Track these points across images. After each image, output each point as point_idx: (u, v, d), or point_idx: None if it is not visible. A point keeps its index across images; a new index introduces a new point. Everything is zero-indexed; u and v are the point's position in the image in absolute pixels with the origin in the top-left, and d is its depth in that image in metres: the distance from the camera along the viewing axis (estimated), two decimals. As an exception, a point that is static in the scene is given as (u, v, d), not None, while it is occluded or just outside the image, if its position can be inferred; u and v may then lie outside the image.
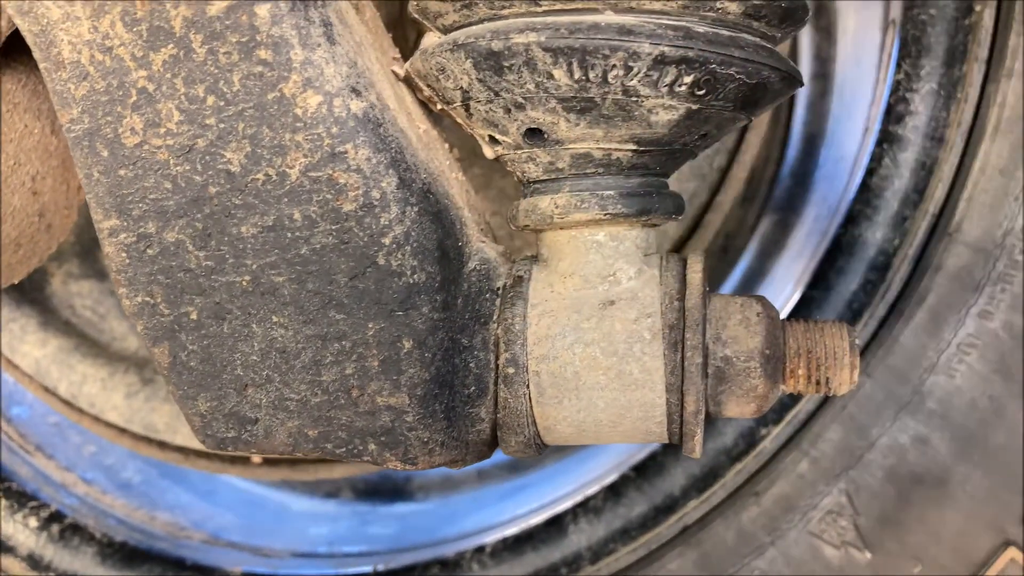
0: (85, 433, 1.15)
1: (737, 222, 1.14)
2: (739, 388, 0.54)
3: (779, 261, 1.10)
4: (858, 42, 1.08)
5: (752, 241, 1.15)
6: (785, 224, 1.11)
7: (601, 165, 0.54)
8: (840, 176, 1.04)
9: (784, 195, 1.14)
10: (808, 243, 1.03)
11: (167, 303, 0.53)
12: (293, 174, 0.50)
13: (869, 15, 1.05)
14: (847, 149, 1.05)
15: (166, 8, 0.48)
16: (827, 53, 1.15)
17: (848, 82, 1.12)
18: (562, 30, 0.48)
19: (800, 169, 1.14)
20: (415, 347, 0.51)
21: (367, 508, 1.22)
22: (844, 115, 1.12)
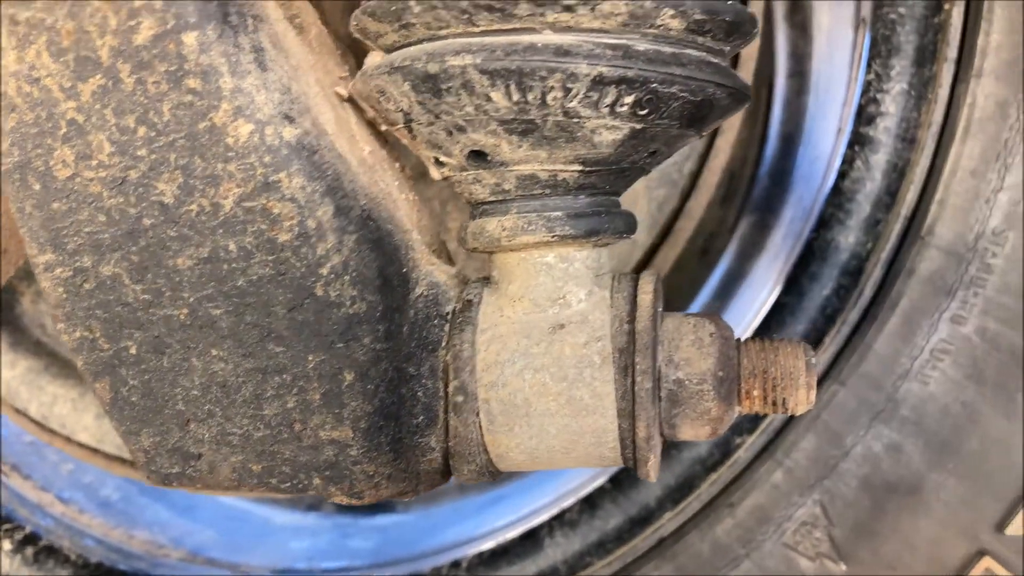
0: (62, 451, 1.14)
1: (717, 222, 1.13)
2: (693, 411, 0.53)
3: (758, 263, 1.08)
4: (832, 39, 1.07)
5: (732, 242, 1.13)
6: (764, 225, 1.09)
7: (548, 186, 0.53)
8: (816, 177, 1.02)
9: (763, 195, 1.12)
10: (784, 246, 1.02)
11: (106, 338, 0.52)
12: (227, 205, 0.48)
13: (842, 12, 1.03)
14: (822, 149, 1.04)
15: (92, 37, 0.47)
16: (803, 50, 1.14)
17: (823, 80, 1.10)
18: (498, 52, 0.47)
19: (778, 169, 1.12)
20: (357, 379, 0.50)
21: (348, 520, 1.20)
22: (820, 114, 1.10)
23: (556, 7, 0.46)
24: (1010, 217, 0.77)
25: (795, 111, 1.14)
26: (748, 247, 1.10)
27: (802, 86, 1.14)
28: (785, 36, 1.15)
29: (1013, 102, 0.78)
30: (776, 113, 1.16)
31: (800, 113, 1.12)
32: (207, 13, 0.47)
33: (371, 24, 0.52)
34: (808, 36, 1.12)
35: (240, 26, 0.48)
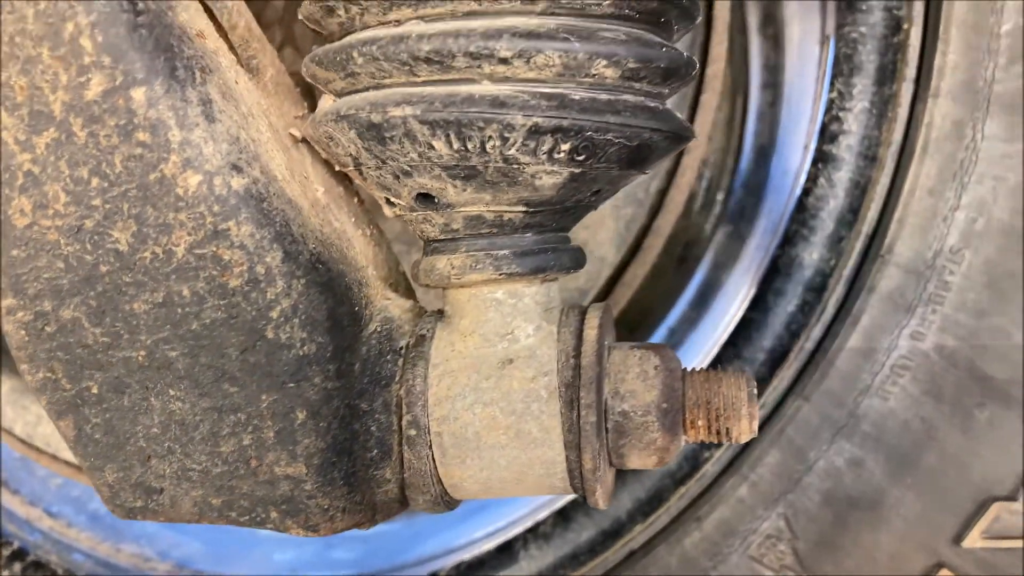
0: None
1: (696, 231, 1.14)
2: (639, 442, 0.55)
3: (732, 274, 1.10)
4: (801, 53, 1.08)
5: (708, 252, 1.15)
6: (739, 235, 1.11)
7: (495, 226, 0.55)
8: (785, 191, 1.04)
9: (737, 206, 1.14)
10: (756, 258, 1.04)
11: (68, 378, 0.53)
12: (179, 252, 0.50)
13: (809, 27, 1.05)
14: (792, 163, 1.05)
15: (45, 93, 0.49)
16: (775, 62, 1.15)
17: (794, 93, 1.11)
18: (436, 103, 0.48)
19: (752, 180, 1.14)
20: (309, 417, 0.52)
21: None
22: (791, 127, 1.11)
23: (492, 60, 0.48)
24: (966, 235, 0.79)
25: (769, 122, 1.15)
26: (723, 257, 1.11)
27: (775, 97, 1.15)
28: (758, 47, 1.17)
29: (969, 122, 0.79)
30: (751, 123, 1.17)
31: (774, 125, 1.14)
32: (155, 69, 0.48)
33: (320, 72, 0.53)
34: (780, 48, 1.13)
35: (187, 80, 0.49)
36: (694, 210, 1.17)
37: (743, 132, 1.18)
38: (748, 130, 1.17)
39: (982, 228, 0.78)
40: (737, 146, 1.18)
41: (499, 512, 1.07)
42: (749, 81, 1.17)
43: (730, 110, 1.22)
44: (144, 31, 0.48)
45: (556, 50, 0.47)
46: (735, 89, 1.21)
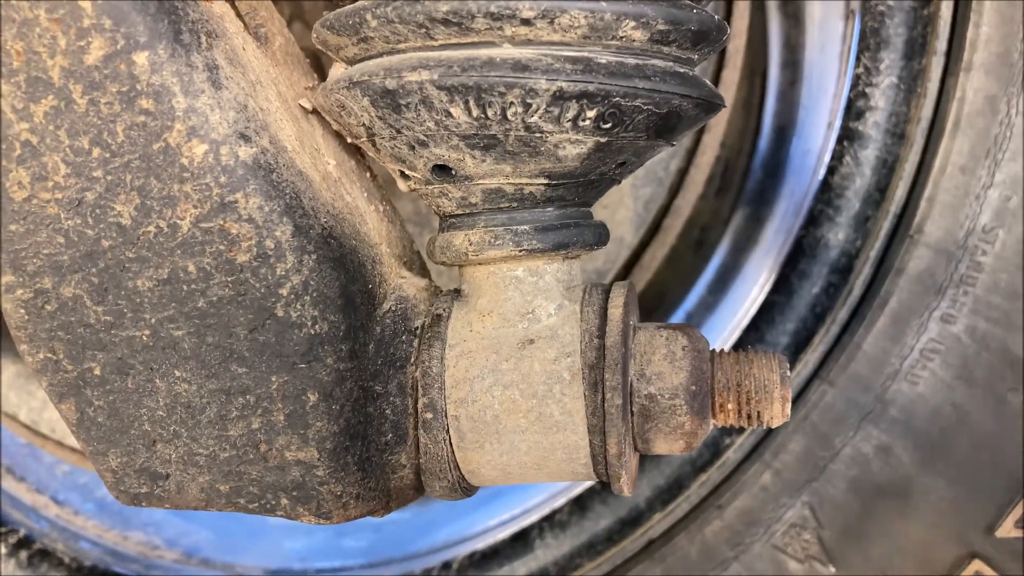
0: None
1: (712, 214, 1.12)
2: (666, 426, 0.52)
3: (751, 257, 1.07)
4: (824, 30, 1.05)
5: (726, 235, 1.12)
6: (758, 218, 1.08)
7: (515, 199, 0.52)
8: (807, 171, 1.01)
9: (756, 188, 1.11)
10: (776, 240, 1.01)
11: (69, 359, 0.51)
12: (184, 226, 0.48)
13: (833, 2, 1.01)
14: (814, 142, 1.02)
15: (43, 58, 0.46)
16: (796, 40, 1.12)
17: (815, 71, 1.08)
18: (455, 67, 0.46)
19: (771, 161, 1.11)
20: (321, 400, 0.49)
21: (344, 518, 1.20)
22: (812, 106, 1.09)
23: (514, 21, 0.45)
24: (1000, 214, 0.76)
25: (788, 102, 1.12)
26: (742, 240, 1.08)
27: (795, 76, 1.12)
28: (778, 25, 1.14)
29: (1003, 97, 0.76)
30: (770, 104, 1.14)
31: (793, 104, 1.11)
32: (158, 32, 0.46)
33: (331, 37, 0.51)
34: (801, 26, 1.10)
35: (193, 44, 0.47)
36: (711, 193, 1.14)
37: (761, 113, 1.15)
38: (767, 110, 1.14)
39: (1016, 206, 0.75)
40: (756, 127, 1.15)
41: (514, 500, 1.04)
42: (768, 60, 1.14)
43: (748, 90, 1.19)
44: (147, -8, 0.46)
45: (582, 10, 0.45)
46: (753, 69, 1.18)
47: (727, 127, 1.13)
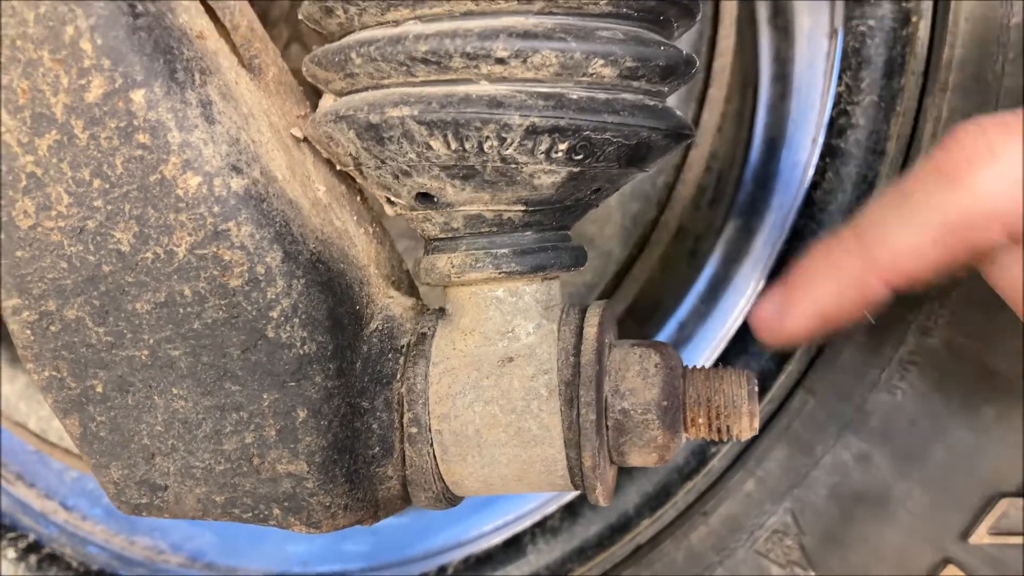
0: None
1: (705, 225, 1.14)
2: (639, 439, 0.55)
3: (742, 268, 1.09)
4: (811, 46, 1.07)
5: (718, 246, 1.14)
6: (749, 229, 1.10)
7: (494, 224, 0.55)
8: (795, 184, 1.03)
9: (748, 199, 1.13)
10: (764, 252, 1.03)
11: (73, 377, 0.54)
12: (180, 252, 0.51)
13: (818, 19, 1.04)
14: (801, 156, 1.04)
15: (46, 96, 0.49)
16: (785, 54, 1.14)
17: (804, 86, 1.11)
18: (434, 104, 0.49)
19: (762, 173, 1.13)
20: (310, 416, 0.52)
21: (345, 523, 1.23)
22: (801, 119, 1.11)
23: (489, 60, 0.48)
24: (974, 230, 0.78)
25: (779, 115, 1.14)
26: (733, 251, 1.11)
27: (785, 90, 1.14)
28: (768, 39, 1.16)
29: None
30: (761, 116, 1.16)
31: (783, 117, 1.13)
32: (154, 71, 0.48)
33: (319, 72, 0.54)
34: (790, 40, 1.13)
35: (187, 82, 0.50)
36: (704, 204, 1.16)
37: (753, 125, 1.17)
38: (758, 123, 1.16)
39: (990, 222, 0.78)
40: (747, 139, 1.17)
41: (507, 507, 1.07)
42: (759, 73, 1.16)
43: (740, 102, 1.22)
44: (143, 33, 0.49)
45: (553, 50, 0.47)
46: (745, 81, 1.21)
47: (719, 139, 1.15)
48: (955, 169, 0.42)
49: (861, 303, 0.51)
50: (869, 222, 0.49)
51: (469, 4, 0.48)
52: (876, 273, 0.48)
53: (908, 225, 0.46)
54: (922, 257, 0.46)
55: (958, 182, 0.42)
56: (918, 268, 0.47)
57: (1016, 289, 0.51)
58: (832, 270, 0.51)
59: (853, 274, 0.50)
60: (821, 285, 0.52)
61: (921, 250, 0.46)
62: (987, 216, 0.42)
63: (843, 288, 0.51)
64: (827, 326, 0.54)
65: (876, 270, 0.48)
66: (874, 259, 0.48)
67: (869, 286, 0.49)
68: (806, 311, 0.53)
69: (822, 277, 0.52)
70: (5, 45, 0.48)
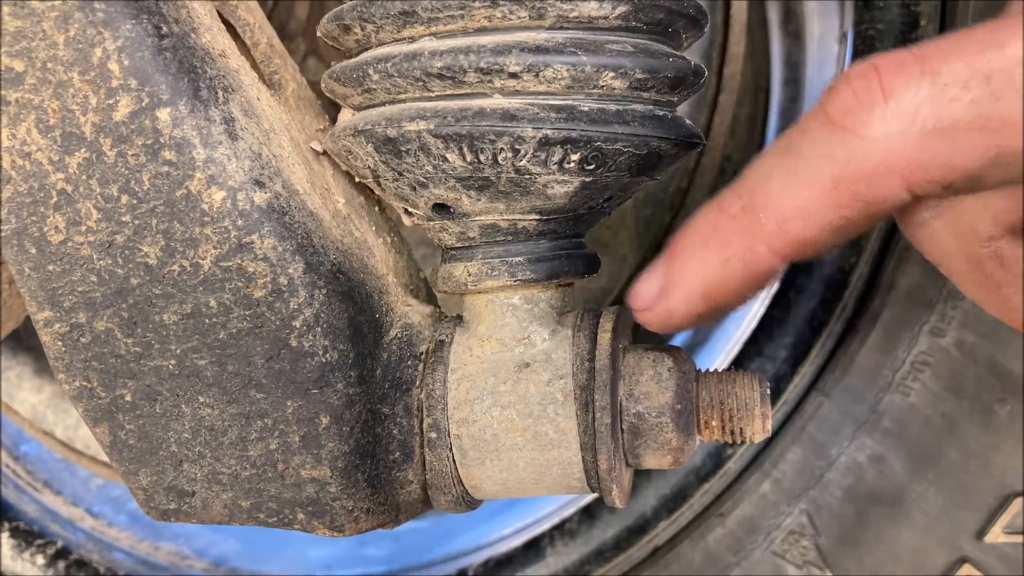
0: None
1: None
2: (654, 442, 0.56)
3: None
4: (822, 50, 1.08)
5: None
6: (763, 232, 1.11)
7: (509, 233, 0.56)
8: (807, 187, 1.04)
9: (761, 203, 1.13)
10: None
11: (103, 386, 0.56)
12: (206, 265, 0.52)
13: (828, 23, 1.05)
14: (813, 160, 1.05)
15: (76, 115, 0.51)
16: (797, 58, 1.15)
17: (815, 89, 1.12)
18: (449, 118, 0.50)
19: (775, 176, 1.13)
20: (332, 422, 0.54)
21: (366, 527, 1.24)
22: (813, 123, 1.11)
23: (503, 74, 0.49)
24: (985, 231, 0.79)
25: (790, 119, 1.15)
26: (748, 254, 1.11)
27: (796, 94, 1.15)
28: (780, 43, 1.17)
29: (986, 118, 0.79)
30: (773, 120, 1.17)
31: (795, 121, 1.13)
32: (179, 90, 0.50)
33: (338, 88, 0.55)
34: (802, 44, 1.14)
35: (211, 99, 0.51)
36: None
37: (765, 128, 1.18)
38: (770, 126, 1.17)
39: (1001, 224, 0.78)
40: (760, 142, 1.18)
41: (526, 509, 1.08)
42: (771, 77, 1.17)
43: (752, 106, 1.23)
44: (168, 54, 0.50)
45: (564, 63, 0.49)
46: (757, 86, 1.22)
47: (732, 143, 1.16)
48: (844, 115, 0.36)
49: (750, 277, 0.44)
50: (753, 181, 0.43)
51: (482, 20, 0.49)
52: (764, 240, 0.42)
53: (795, 182, 0.39)
54: (813, 219, 0.39)
55: (848, 130, 0.36)
56: (809, 232, 0.40)
57: (947, 255, 0.44)
58: (715, 240, 0.44)
59: (738, 243, 0.43)
60: (703, 257, 0.45)
61: (811, 210, 0.39)
62: (882, 167, 0.36)
63: (728, 260, 0.44)
64: (714, 306, 0.47)
65: (763, 237, 0.42)
66: (760, 224, 0.41)
67: (757, 256, 0.42)
68: (688, 289, 0.46)
69: (704, 248, 0.45)
70: (37, 67, 0.50)
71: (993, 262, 0.42)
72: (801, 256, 0.42)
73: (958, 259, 0.44)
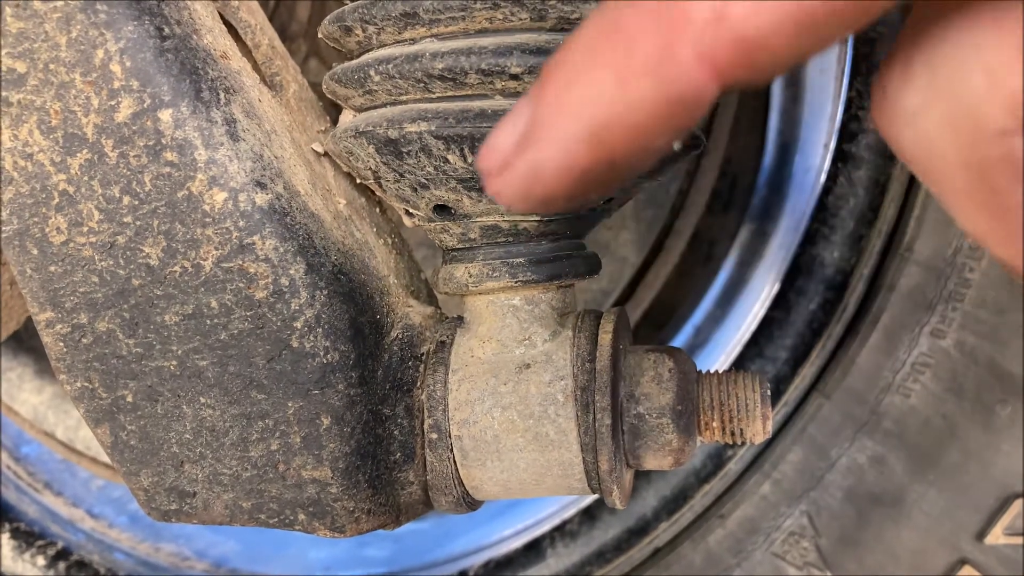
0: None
1: (720, 230, 1.15)
2: (654, 443, 0.56)
3: (756, 272, 1.10)
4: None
5: (732, 251, 1.15)
6: (763, 233, 1.11)
7: (510, 235, 0.56)
8: (807, 189, 1.04)
9: (761, 204, 1.14)
10: (778, 256, 1.04)
11: (104, 387, 0.56)
12: (207, 266, 0.52)
13: (829, 26, 1.04)
14: (813, 161, 1.05)
15: (78, 116, 0.51)
16: (797, 60, 1.15)
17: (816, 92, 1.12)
18: (450, 119, 0.50)
19: (775, 178, 1.14)
20: (333, 423, 0.54)
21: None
22: (813, 124, 1.12)
23: (504, 76, 0.49)
24: (986, 233, 0.79)
25: (791, 121, 1.15)
26: (748, 255, 1.12)
27: (797, 95, 1.15)
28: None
29: (987, 120, 0.79)
30: (773, 121, 1.17)
31: (796, 123, 1.14)
32: (181, 91, 0.50)
33: (339, 89, 0.55)
34: (802, 45, 1.13)
35: (212, 101, 0.51)
36: (719, 208, 1.17)
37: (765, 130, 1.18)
38: (771, 128, 1.17)
39: (1002, 225, 0.78)
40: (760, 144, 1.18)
41: (527, 511, 1.08)
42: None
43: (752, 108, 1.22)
44: (170, 55, 0.50)
45: (565, 65, 0.49)
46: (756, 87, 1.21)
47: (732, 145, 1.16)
48: None
49: (664, 105, 0.28)
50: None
51: (483, 22, 0.49)
52: (689, 39, 0.27)
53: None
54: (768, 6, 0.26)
55: None
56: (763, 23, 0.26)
57: (941, 161, 0.31)
58: (611, 45, 0.28)
59: (647, 46, 0.27)
60: (591, 76, 0.29)
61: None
62: None
63: (629, 77, 0.28)
64: (608, 158, 0.30)
65: (689, 33, 0.27)
66: (684, 12, 0.27)
67: (677, 68, 0.27)
68: (565, 128, 0.29)
69: (593, 60, 0.29)
70: (39, 69, 0.50)
71: (1005, 170, 0.30)
72: (748, 75, 0.27)
73: (955, 167, 0.31)
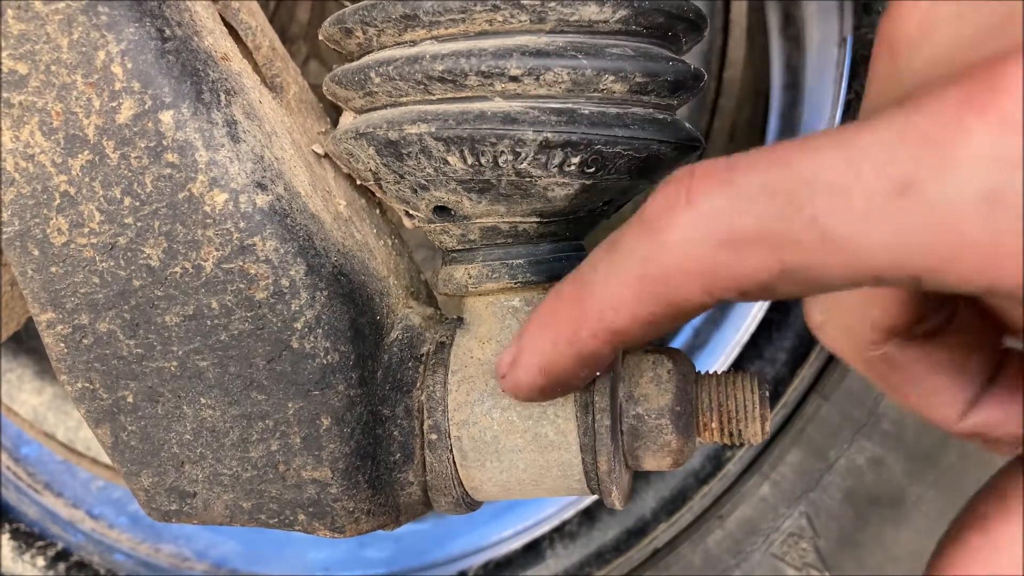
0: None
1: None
2: (653, 444, 0.56)
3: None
4: (821, 55, 1.09)
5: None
6: (762, 235, 1.11)
7: (510, 236, 0.56)
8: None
9: (761, 206, 1.14)
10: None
11: (105, 388, 0.56)
12: (208, 266, 0.52)
13: (828, 28, 1.05)
14: (813, 163, 1.05)
15: (79, 118, 0.51)
16: (796, 62, 1.15)
17: (815, 94, 1.12)
18: (450, 121, 0.50)
19: (775, 180, 1.14)
20: (333, 424, 0.54)
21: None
22: (812, 126, 1.12)
23: (503, 78, 0.49)
24: (984, 235, 0.79)
25: (790, 123, 1.15)
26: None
27: (796, 98, 1.15)
28: (780, 48, 1.17)
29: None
30: (772, 124, 1.18)
31: (794, 125, 1.14)
32: (182, 93, 0.51)
33: (340, 91, 0.55)
34: (801, 49, 1.14)
35: (213, 102, 0.52)
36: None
37: (765, 132, 1.18)
38: (770, 130, 1.17)
39: (1000, 227, 0.79)
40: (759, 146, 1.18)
41: (526, 512, 1.09)
42: (771, 81, 1.18)
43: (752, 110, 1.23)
44: (171, 57, 0.51)
45: (564, 67, 0.49)
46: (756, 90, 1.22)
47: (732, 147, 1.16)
48: (654, 217, 0.37)
49: (579, 359, 0.45)
50: (585, 271, 0.44)
51: (483, 24, 0.50)
52: (586, 327, 0.43)
53: (613, 276, 0.40)
54: (625, 311, 0.40)
55: (655, 231, 0.36)
56: (621, 323, 0.41)
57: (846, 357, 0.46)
58: (550, 322, 0.46)
59: (565, 327, 0.45)
60: (540, 337, 0.47)
61: (624, 304, 0.40)
62: (680, 270, 0.36)
63: (557, 342, 0.46)
64: (555, 381, 0.49)
65: (586, 323, 0.43)
66: (584, 312, 0.43)
67: (581, 340, 0.44)
68: (528, 365, 0.49)
69: (541, 329, 0.47)
70: (41, 70, 0.50)
71: (884, 366, 0.43)
72: (622, 343, 0.43)
73: (856, 361, 0.45)
